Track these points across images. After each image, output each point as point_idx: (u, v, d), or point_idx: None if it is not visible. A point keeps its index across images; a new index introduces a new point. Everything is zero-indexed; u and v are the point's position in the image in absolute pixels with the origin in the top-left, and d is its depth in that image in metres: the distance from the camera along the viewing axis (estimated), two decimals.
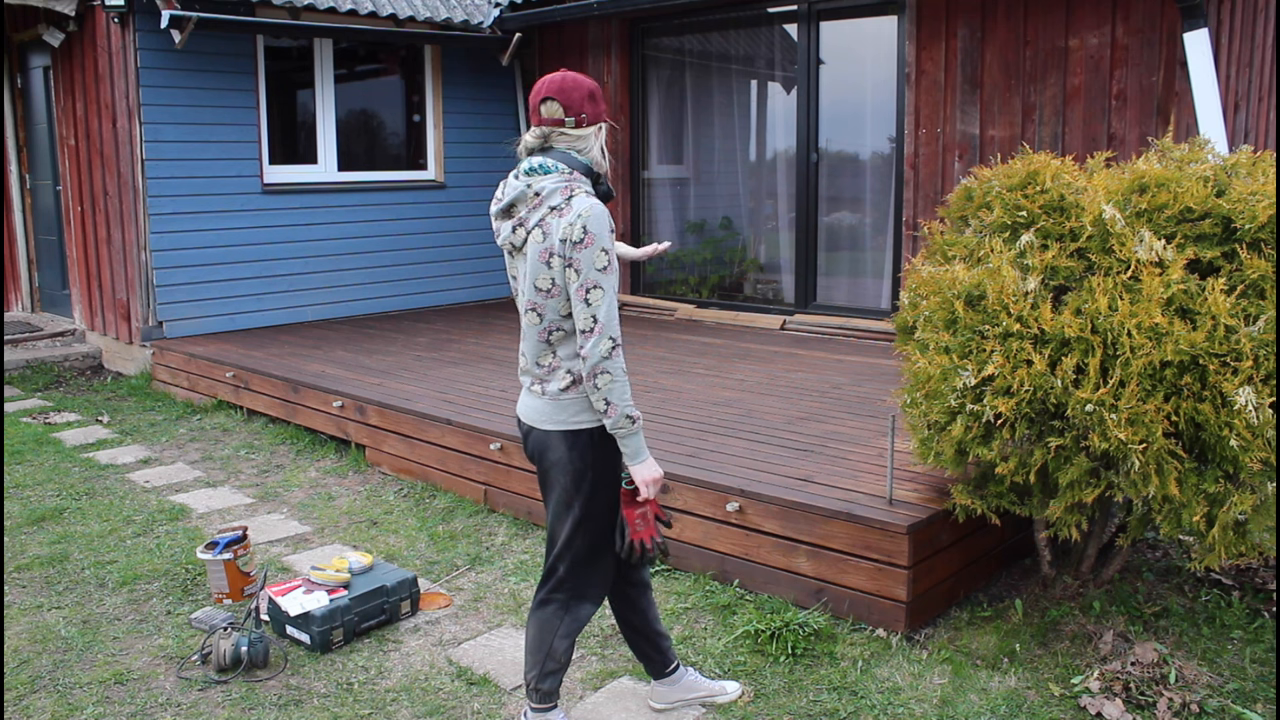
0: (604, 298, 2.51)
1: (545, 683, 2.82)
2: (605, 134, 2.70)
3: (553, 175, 2.59)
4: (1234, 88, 5.46)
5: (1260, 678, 3.25)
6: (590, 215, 2.51)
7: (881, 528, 3.52)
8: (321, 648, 3.46)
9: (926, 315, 3.45)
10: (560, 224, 2.53)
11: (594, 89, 2.64)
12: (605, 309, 2.51)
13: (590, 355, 2.52)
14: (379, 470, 5.48)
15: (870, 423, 4.83)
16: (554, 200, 2.56)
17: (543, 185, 2.59)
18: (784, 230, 8.02)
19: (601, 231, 2.51)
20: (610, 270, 2.52)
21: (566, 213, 2.53)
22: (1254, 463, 2.93)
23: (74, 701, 3.18)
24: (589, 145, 2.65)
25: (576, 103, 2.61)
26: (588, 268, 2.50)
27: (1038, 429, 3.20)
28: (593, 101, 2.63)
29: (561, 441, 2.67)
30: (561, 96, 2.61)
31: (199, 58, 7.45)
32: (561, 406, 2.65)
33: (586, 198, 2.56)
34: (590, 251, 2.50)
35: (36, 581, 4.08)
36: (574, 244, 2.51)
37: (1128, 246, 3.14)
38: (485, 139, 9.19)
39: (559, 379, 2.64)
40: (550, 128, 2.63)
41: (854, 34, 7.52)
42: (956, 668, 3.32)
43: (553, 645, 2.78)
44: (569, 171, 2.60)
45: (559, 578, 2.76)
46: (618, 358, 2.53)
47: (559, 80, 2.62)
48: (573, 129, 2.62)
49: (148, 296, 7.50)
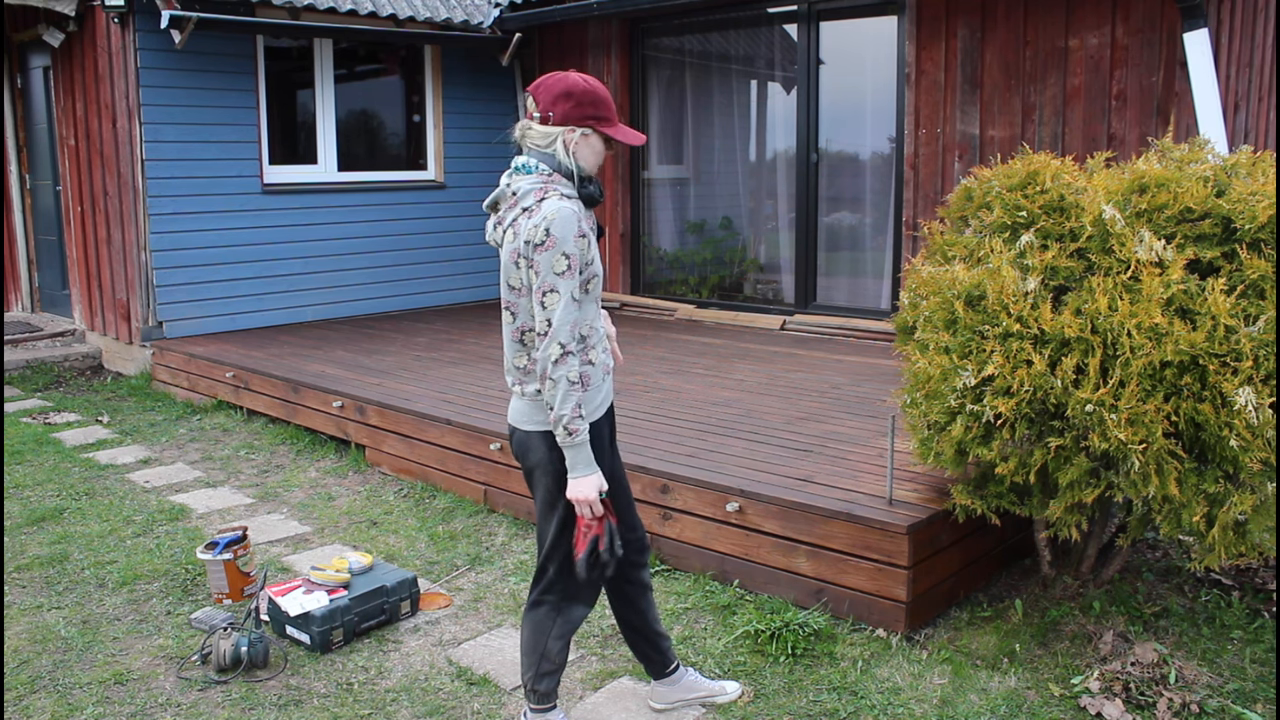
0: (559, 301, 2.48)
1: (542, 684, 2.81)
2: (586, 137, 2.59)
3: (531, 175, 2.58)
4: (1234, 88, 5.46)
5: (1260, 678, 3.25)
6: (555, 219, 2.47)
7: (881, 528, 3.52)
8: (321, 648, 3.46)
9: (926, 315, 3.45)
10: (527, 225, 2.52)
11: (572, 89, 2.57)
12: (559, 313, 2.48)
13: (540, 360, 2.51)
14: (379, 470, 5.48)
15: (870, 423, 4.83)
16: (527, 201, 2.55)
17: (519, 185, 2.57)
18: (784, 230, 8.02)
19: (565, 235, 2.47)
20: (569, 275, 2.48)
21: (535, 214, 2.51)
22: (1254, 463, 2.93)
23: (74, 701, 3.18)
24: (555, 145, 2.58)
25: (546, 100, 2.57)
26: (546, 271, 2.47)
27: (1038, 429, 3.20)
28: (565, 101, 2.56)
29: (542, 442, 2.65)
30: (537, 92, 2.60)
31: (199, 58, 7.45)
32: (538, 407, 2.64)
33: (558, 200, 2.52)
34: (550, 255, 2.47)
35: (36, 581, 4.08)
36: (535, 246, 2.48)
37: (1128, 246, 3.14)
38: (485, 139, 9.19)
39: (534, 379, 2.62)
40: (526, 123, 2.62)
41: (854, 34, 7.52)
42: (956, 668, 3.32)
43: (547, 647, 2.78)
44: (548, 173, 2.58)
45: (549, 579, 2.76)
46: (566, 365, 2.48)
47: (546, 77, 2.62)
48: (538, 125, 2.59)
49: (148, 296, 7.50)
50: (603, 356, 2.68)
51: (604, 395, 2.68)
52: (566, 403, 2.49)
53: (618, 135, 2.63)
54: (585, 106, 2.58)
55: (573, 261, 2.48)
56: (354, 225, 8.45)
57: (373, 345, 7.16)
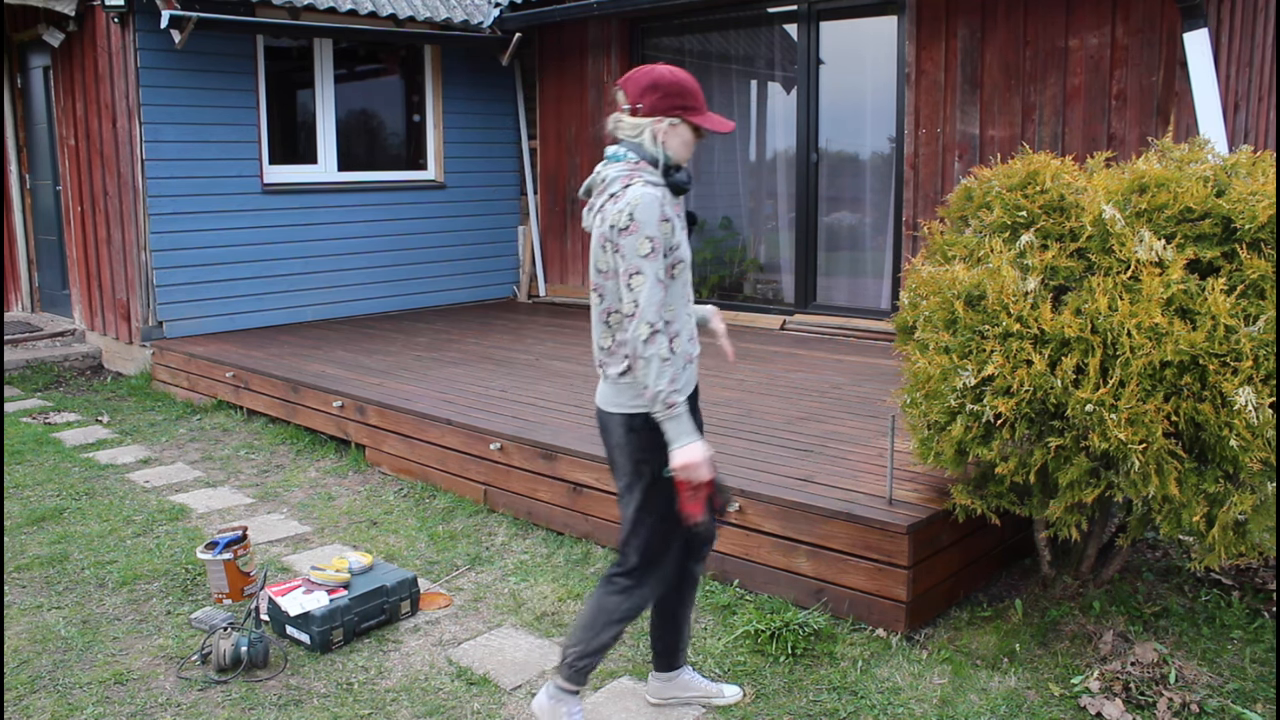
0: (644, 283, 2.55)
1: (582, 662, 2.86)
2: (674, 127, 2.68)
3: (620, 163, 2.68)
4: (1234, 88, 5.46)
5: (1260, 678, 3.25)
6: (638, 204, 2.56)
7: (881, 528, 3.52)
8: (321, 648, 3.46)
9: (926, 315, 3.45)
10: (612, 210, 2.60)
11: (659, 81, 2.66)
12: (645, 294, 2.55)
13: (630, 340, 2.58)
14: (379, 470, 5.48)
15: (870, 423, 4.83)
16: (614, 188, 2.64)
17: (608, 173, 2.68)
18: (784, 230, 8.02)
19: (648, 219, 2.55)
20: (653, 257, 2.56)
21: (620, 200, 2.60)
22: (1254, 463, 2.93)
23: (74, 701, 3.18)
24: (643, 135, 2.68)
25: (634, 93, 2.67)
26: (631, 254, 2.56)
27: (1038, 429, 3.20)
28: (652, 92, 2.65)
29: (620, 425, 2.72)
30: (626, 86, 2.70)
31: (199, 58, 7.45)
32: (620, 390, 2.70)
33: (642, 186, 2.60)
34: (634, 238, 2.55)
35: (36, 581, 4.08)
36: (619, 230, 2.57)
37: (1128, 246, 3.14)
38: (485, 139, 9.20)
39: (617, 362, 2.69)
40: (618, 116, 2.72)
41: (854, 34, 7.52)
42: (956, 668, 3.32)
43: (602, 630, 2.83)
44: (635, 161, 2.67)
45: (628, 562, 2.80)
46: (656, 343, 2.55)
47: (634, 71, 2.72)
48: (628, 117, 2.69)
49: (148, 296, 7.50)
50: (686, 345, 2.75)
51: (685, 381, 2.73)
52: (661, 378, 2.56)
53: (706, 123, 2.72)
54: (672, 97, 2.67)
55: (656, 244, 2.56)
56: (354, 225, 8.45)
57: (373, 345, 7.16)
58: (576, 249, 9.22)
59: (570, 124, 9.06)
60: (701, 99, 2.73)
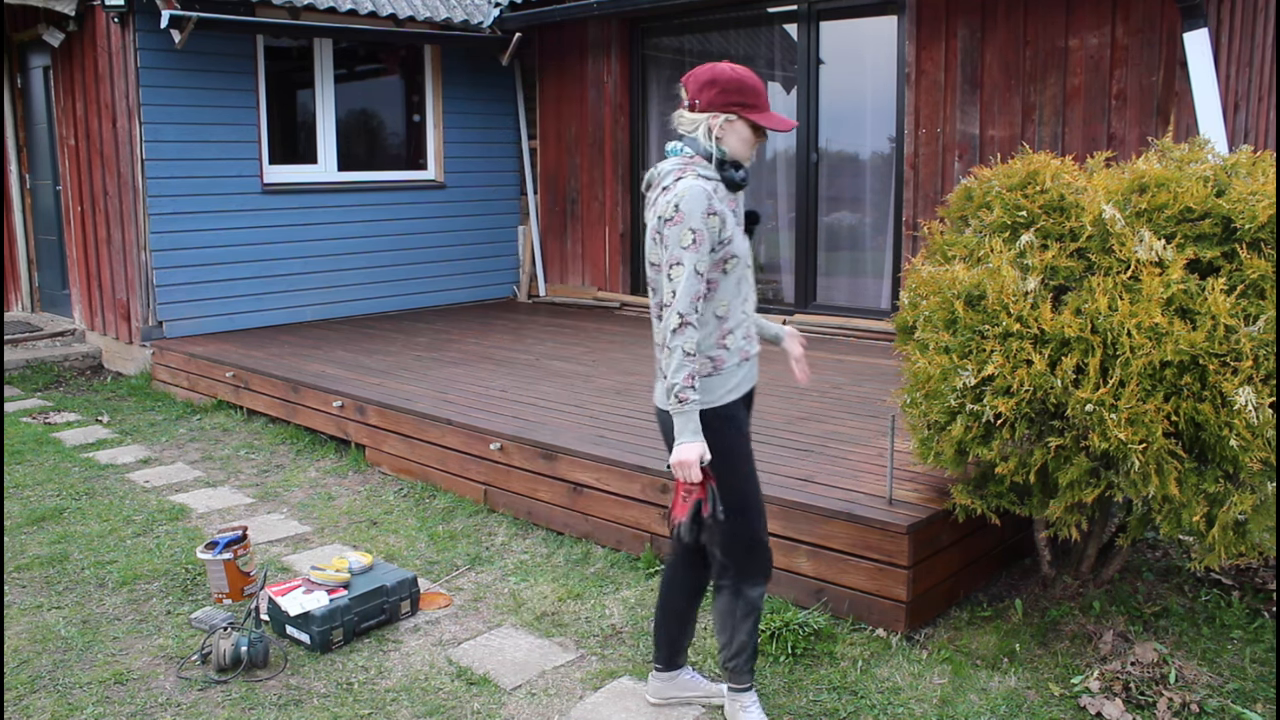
0: (683, 274, 2.58)
1: (732, 662, 2.93)
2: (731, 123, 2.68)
3: (676, 158, 2.71)
4: (1234, 88, 5.46)
5: (1260, 678, 3.25)
6: (685, 196, 2.59)
7: (881, 528, 3.52)
8: (321, 648, 3.46)
9: (926, 315, 3.45)
10: (661, 201, 2.64)
11: (718, 77, 2.67)
12: (683, 285, 2.58)
13: (660, 329, 2.62)
14: (379, 470, 5.48)
15: (870, 423, 4.83)
16: (666, 181, 2.68)
17: (664, 167, 2.72)
18: (784, 230, 8.02)
19: (693, 211, 2.57)
20: (694, 249, 2.57)
21: (670, 192, 2.63)
22: (1254, 463, 2.93)
23: (74, 701, 3.18)
24: (699, 130, 2.70)
25: (694, 89, 2.70)
26: (674, 244, 2.59)
27: (1038, 429, 3.20)
28: (710, 89, 2.67)
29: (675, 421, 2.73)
30: (687, 82, 2.74)
31: (199, 58, 7.45)
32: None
33: (693, 180, 2.62)
34: (678, 229, 2.58)
35: (36, 581, 4.08)
36: (665, 220, 2.61)
37: (1128, 246, 3.14)
38: (485, 139, 9.20)
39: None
40: (680, 111, 2.75)
41: (854, 34, 7.52)
42: (956, 668, 3.32)
43: (734, 631, 2.88)
44: (690, 155, 2.70)
45: (720, 563, 2.83)
46: (684, 335, 2.58)
47: (698, 67, 2.74)
48: (687, 113, 2.71)
49: (148, 296, 7.50)
50: (741, 342, 2.78)
51: (739, 379, 2.78)
52: (680, 371, 2.58)
53: (764, 121, 2.71)
54: (730, 94, 2.68)
55: (699, 237, 2.58)
56: (354, 225, 8.45)
57: (373, 345, 7.16)
58: (576, 249, 9.22)
59: (570, 124, 9.06)
60: (763, 98, 2.72)
